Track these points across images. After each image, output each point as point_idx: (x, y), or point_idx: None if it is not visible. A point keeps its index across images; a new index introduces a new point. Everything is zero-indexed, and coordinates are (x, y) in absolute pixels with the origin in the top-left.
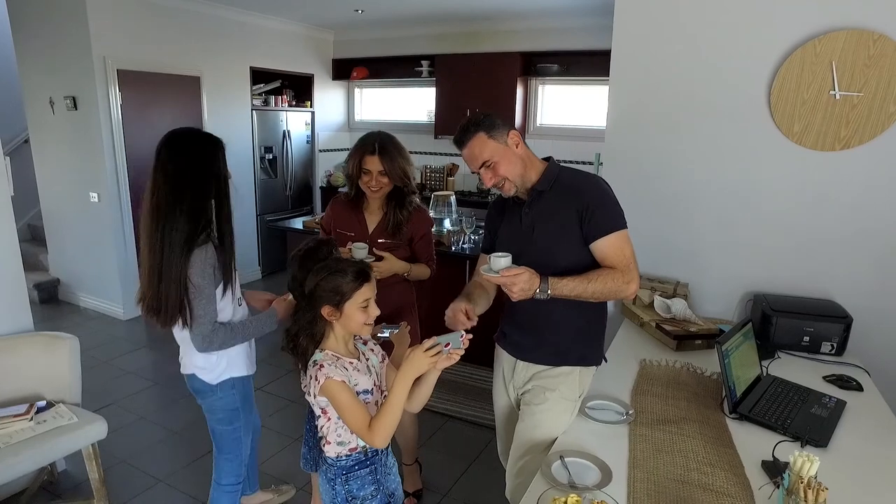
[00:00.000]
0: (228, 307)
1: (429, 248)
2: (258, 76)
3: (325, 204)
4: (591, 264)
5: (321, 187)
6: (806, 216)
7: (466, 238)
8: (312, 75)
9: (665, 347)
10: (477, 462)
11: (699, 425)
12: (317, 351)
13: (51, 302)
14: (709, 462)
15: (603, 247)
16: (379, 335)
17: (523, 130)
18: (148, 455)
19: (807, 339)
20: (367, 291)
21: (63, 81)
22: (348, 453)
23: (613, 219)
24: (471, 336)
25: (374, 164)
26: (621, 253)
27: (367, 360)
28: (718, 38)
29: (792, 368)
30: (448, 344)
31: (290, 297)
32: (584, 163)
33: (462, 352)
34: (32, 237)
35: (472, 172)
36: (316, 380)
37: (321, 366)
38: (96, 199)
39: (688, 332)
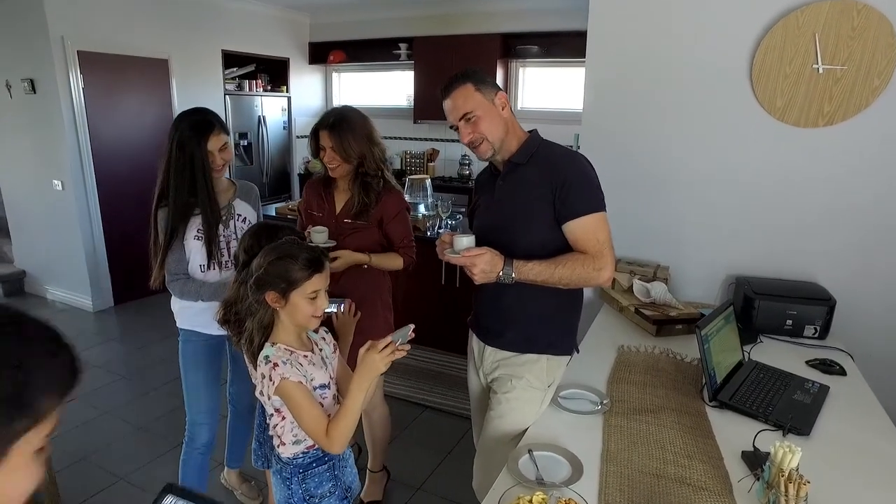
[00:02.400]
0: (211, 271)
1: (401, 231)
2: (230, 60)
3: (303, 191)
4: (563, 246)
5: (299, 174)
6: (789, 196)
7: (442, 223)
8: (288, 59)
9: (645, 333)
10: (452, 454)
11: (677, 414)
12: (267, 344)
13: (16, 295)
14: (686, 454)
15: (575, 229)
16: (327, 310)
17: None
18: (109, 452)
19: (790, 322)
20: (318, 282)
21: (19, 63)
22: (305, 451)
23: (589, 200)
24: (413, 325)
25: (325, 139)
26: (594, 237)
27: (321, 350)
28: (697, 12)
29: (775, 353)
30: (399, 340)
31: None
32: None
33: (409, 346)
34: None
35: (451, 127)
36: (270, 380)
37: (275, 364)
38: (60, 188)
39: (668, 316)
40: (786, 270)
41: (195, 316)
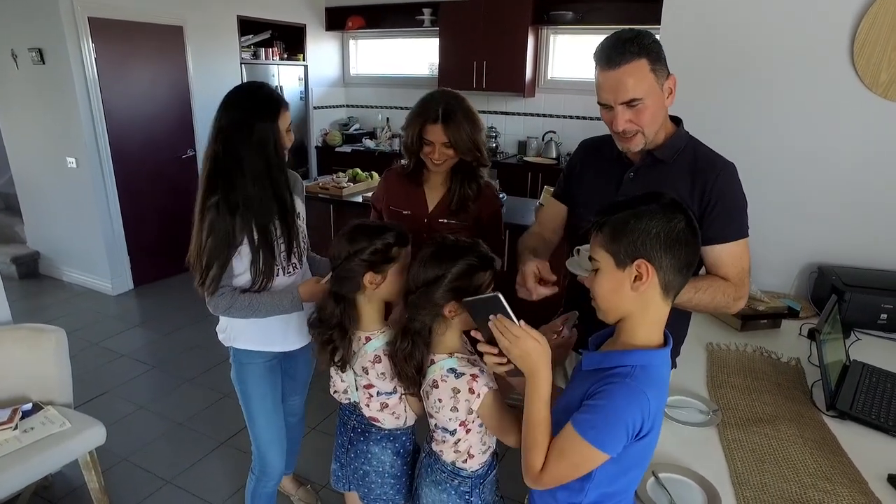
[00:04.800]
0: (278, 277)
1: (497, 233)
2: (246, 27)
3: (321, 165)
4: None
5: (317, 147)
6: (883, 179)
7: None
8: (304, 25)
9: (728, 328)
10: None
11: (796, 426)
12: (442, 357)
13: (31, 277)
14: (824, 476)
15: (721, 253)
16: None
17: (534, 84)
18: (150, 452)
19: (884, 317)
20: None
21: (26, 31)
22: (486, 459)
23: (741, 222)
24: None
25: (437, 134)
26: (740, 264)
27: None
28: None
29: (875, 352)
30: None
31: (324, 280)
32: (597, 118)
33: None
34: (6, 206)
35: (600, 103)
36: (472, 393)
37: (474, 376)
38: (74, 165)
39: (755, 311)
40: (871, 260)
41: (264, 333)
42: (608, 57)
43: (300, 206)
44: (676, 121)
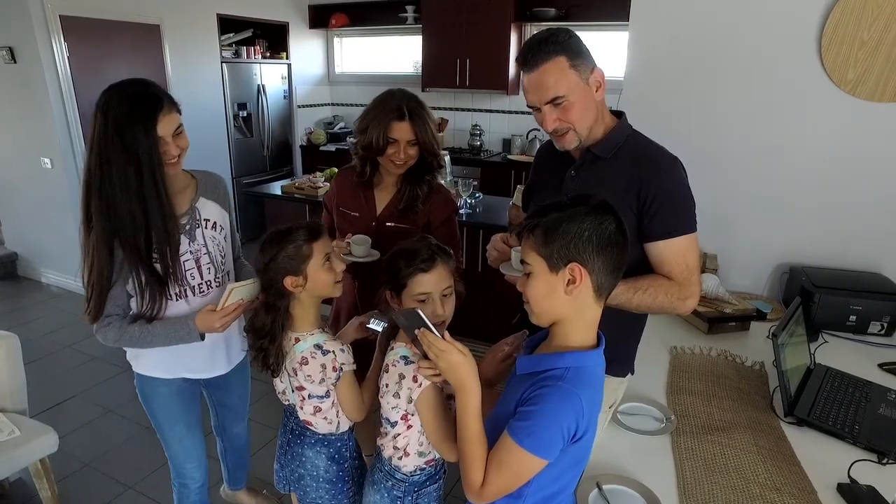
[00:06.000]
0: (180, 301)
1: (448, 240)
2: (226, 25)
3: (306, 164)
4: (639, 263)
5: (301, 146)
6: (854, 178)
7: (463, 203)
8: (287, 23)
9: (695, 330)
10: None
11: (752, 433)
12: (401, 345)
13: (9, 278)
14: (773, 486)
15: (664, 250)
16: (371, 326)
17: (518, 81)
18: (115, 456)
19: (853, 318)
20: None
21: None
22: (424, 466)
23: (684, 217)
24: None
25: (403, 131)
26: (684, 261)
27: None
28: None
29: (841, 354)
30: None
31: (220, 306)
32: None
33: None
34: None
35: (529, 106)
36: (415, 381)
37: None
38: (49, 165)
39: (722, 313)
40: (844, 259)
41: (166, 357)
42: (525, 59)
43: (218, 214)
44: (620, 114)
